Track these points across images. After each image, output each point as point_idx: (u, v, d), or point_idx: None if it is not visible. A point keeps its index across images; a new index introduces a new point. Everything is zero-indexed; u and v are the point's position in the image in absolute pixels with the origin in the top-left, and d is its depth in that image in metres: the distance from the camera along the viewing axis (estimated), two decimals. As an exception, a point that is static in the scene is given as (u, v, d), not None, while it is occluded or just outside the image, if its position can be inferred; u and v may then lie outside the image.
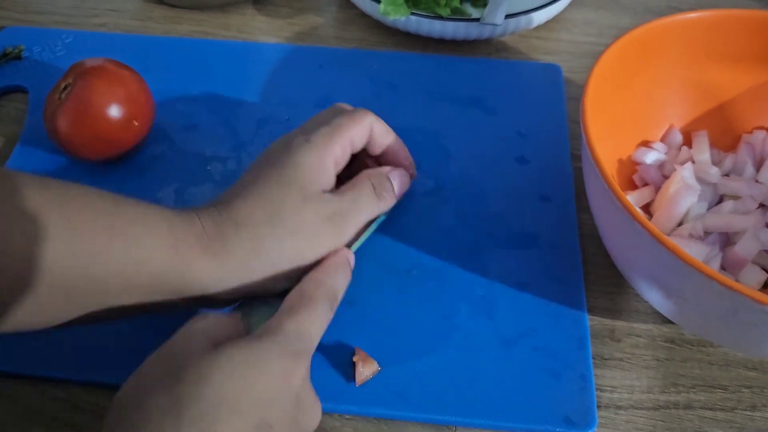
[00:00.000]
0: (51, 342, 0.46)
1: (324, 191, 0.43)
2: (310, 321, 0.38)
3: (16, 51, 0.65)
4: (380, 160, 0.50)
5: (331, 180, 0.44)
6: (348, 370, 0.45)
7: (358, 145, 0.47)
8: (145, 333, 0.46)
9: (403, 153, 0.50)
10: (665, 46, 0.52)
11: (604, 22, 0.73)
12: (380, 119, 0.48)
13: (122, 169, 0.55)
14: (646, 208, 0.52)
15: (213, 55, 0.66)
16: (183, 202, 0.54)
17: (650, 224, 0.37)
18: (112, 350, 0.46)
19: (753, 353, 0.47)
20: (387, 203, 0.47)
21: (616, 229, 0.43)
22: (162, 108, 0.60)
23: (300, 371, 0.36)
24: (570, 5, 0.73)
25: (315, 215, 0.42)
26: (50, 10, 0.72)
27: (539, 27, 0.71)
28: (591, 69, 0.47)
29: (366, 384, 0.44)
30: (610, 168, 0.52)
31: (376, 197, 0.45)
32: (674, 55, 0.53)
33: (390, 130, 0.49)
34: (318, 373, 0.44)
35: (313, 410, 0.37)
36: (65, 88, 0.52)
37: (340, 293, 0.41)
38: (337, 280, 0.41)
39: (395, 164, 0.50)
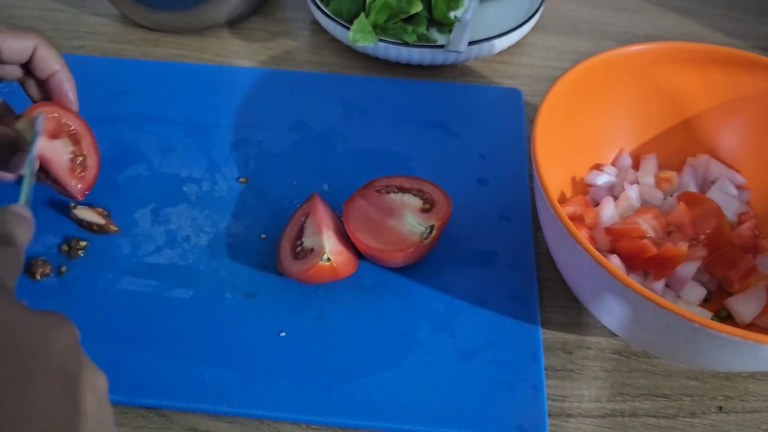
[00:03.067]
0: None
1: None
2: None
3: (-3, 73, 0.67)
4: (46, 90, 0.52)
5: None
6: (315, 380, 0.48)
7: (8, 56, 0.49)
8: (125, 352, 0.49)
9: (70, 85, 0.53)
10: (615, 75, 0.55)
11: (564, 47, 0.77)
12: (51, 47, 0.51)
13: (100, 190, 0.58)
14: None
15: (190, 78, 0.68)
16: (159, 223, 0.56)
17: (591, 247, 0.40)
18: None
19: (690, 364, 0.50)
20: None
21: (563, 250, 0.46)
22: (139, 130, 0.63)
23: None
24: (531, 31, 0.77)
25: None
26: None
27: (501, 52, 0.74)
28: (544, 96, 0.50)
29: (331, 395, 0.47)
30: (564, 186, 0.56)
31: None
32: (624, 83, 0.56)
33: (61, 61, 0.51)
34: (284, 384, 0.47)
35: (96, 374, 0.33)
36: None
37: (18, 237, 0.38)
38: (9, 226, 0.38)
39: (60, 96, 0.52)
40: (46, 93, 0.54)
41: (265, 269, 0.54)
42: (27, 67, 0.52)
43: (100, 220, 0.55)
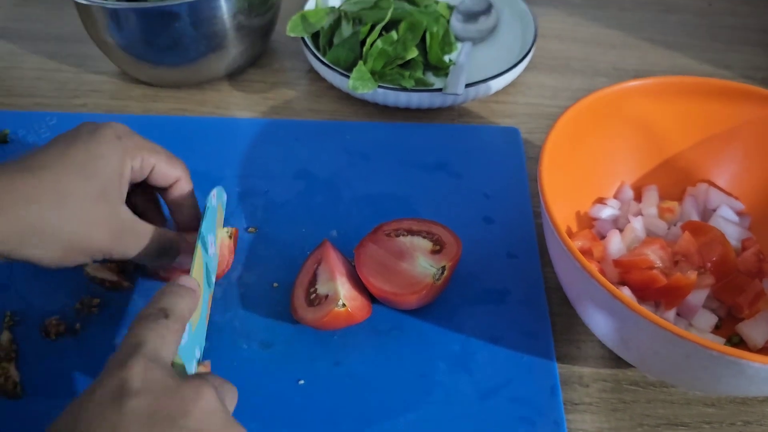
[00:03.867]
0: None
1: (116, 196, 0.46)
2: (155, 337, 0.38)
3: (2, 134, 0.68)
4: (168, 201, 0.54)
5: (126, 188, 0.47)
6: (337, 427, 0.48)
7: (155, 178, 0.51)
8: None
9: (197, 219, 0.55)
10: (613, 111, 0.57)
11: (557, 85, 0.79)
12: (191, 182, 0.54)
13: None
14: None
15: (192, 131, 0.69)
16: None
17: (603, 279, 0.41)
18: None
19: (708, 392, 0.51)
20: (156, 265, 0.52)
21: (576, 284, 0.46)
22: (146, 185, 0.63)
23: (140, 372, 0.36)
24: (525, 70, 0.79)
25: (103, 215, 0.45)
26: (33, 93, 0.75)
27: (497, 92, 0.76)
28: (546, 134, 0.51)
29: (354, 441, 0.47)
30: (570, 221, 0.57)
31: (154, 253, 0.49)
32: (621, 118, 0.58)
33: (193, 197, 0.54)
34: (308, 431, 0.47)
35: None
36: None
37: (180, 311, 0.42)
38: (171, 298, 0.42)
39: (184, 225, 0.54)
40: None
41: (280, 318, 0.54)
42: (155, 187, 0.53)
43: (113, 277, 0.55)
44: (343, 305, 0.50)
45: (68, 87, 0.76)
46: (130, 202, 0.51)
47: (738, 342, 0.52)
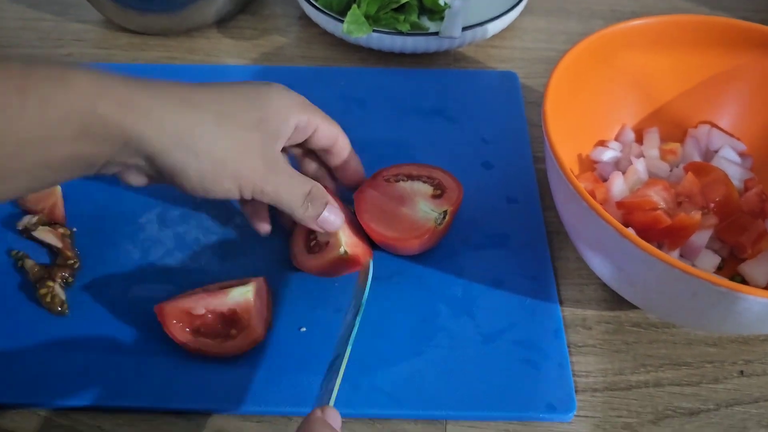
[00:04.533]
0: (48, 370, 0.47)
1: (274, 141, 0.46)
2: None
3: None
4: (332, 162, 0.53)
5: (287, 134, 0.47)
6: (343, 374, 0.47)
7: (317, 140, 0.50)
8: (147, 358, 0.48)
9: (360, 168, 0.54)
10: (613, 52, 0.56)
11: (554, 28, 0.77)
12: (345, 135, 0.52)
13: (101, 198, 0.57)
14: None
15: (183, 79, 0.66)
16: (166, 226, 0.56)
17: (613, 219, 0.41)
18: (112, 375, 0.47)
19: (713, 330, 0.51)
20: (306, 214, 0.47)
21: (582, 226, 0.46)
22: (137, 135, 0.62)
23: None
24: (521, 14, 0.77)
25: (258, 143, 0.44)
26: (17, 43, 0.73)
27: (494, 36, 0.74)
28: (549, 76, 0.50)
29: (358, 386, 0.47)
30: (571, 165, 0.56)
31: (302, 198, 0.47)
32: (622, 59, 0.56)
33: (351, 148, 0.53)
34: (310, 379, 0.47)
35: None
36: None
37: None
38: None
39: (350, 178, 0.54)
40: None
41: (279, 265, 0.53)
42: (316, 149, 0.52)
43: (57, 243, 0.53)
44: (345, 252, 0.49)
45: (51, 36, 0.74)
46: None
47: (740, 282, 0.51)
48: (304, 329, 0.50)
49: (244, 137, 0.44)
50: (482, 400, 0.46)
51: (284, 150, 0.50)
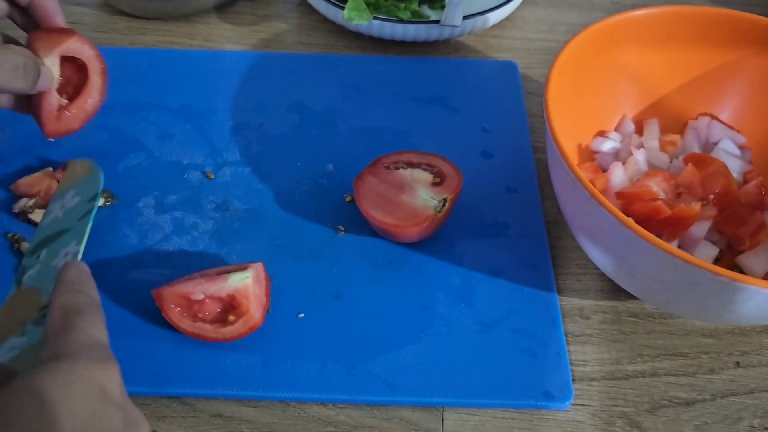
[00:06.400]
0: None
1: None
2: (94, 327, 0.34)
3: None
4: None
5: None
6: (338, 360, 0.47)
7: None
8: (144, 342, 0.48)
9: (53, 5, 0.49)
10: (614, 43, 0.55)
11: (554, 19, 0.77)
12: None
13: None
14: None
15: (182, 64, 0.67)
16: (164, 211, 0.55)
17: (615, 208, 0.41)
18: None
19: (711, 321, 0.51)
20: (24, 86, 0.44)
21: (583, 215, 0.46)
22: (135, 118, 0.61)
23: (117, 379, 0.32)
24: (522, 4, 0.77)
25: None
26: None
27: (494, 26, 0.74)
28: (549, 67, 0.50)
29: (355, 373, 0.47)
30: (571, 155, 0.56)
31: (14, 72, 0.43)
32: (623, 50, 0.56)
33: None
34: (307, 365, 0.47)
35: (143, 426, 0.33)
36: None
37: (97, 297, 0.37)
38: (88, 287, 0.37)
39: (46, 19, 0.50)
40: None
41: (278, 251, 0.53)
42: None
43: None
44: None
45: (49, 19, 0.73)
46: None
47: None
48: (302, 315, 0.50)
49: None
50: (479, 387, 0.47)
51: None
